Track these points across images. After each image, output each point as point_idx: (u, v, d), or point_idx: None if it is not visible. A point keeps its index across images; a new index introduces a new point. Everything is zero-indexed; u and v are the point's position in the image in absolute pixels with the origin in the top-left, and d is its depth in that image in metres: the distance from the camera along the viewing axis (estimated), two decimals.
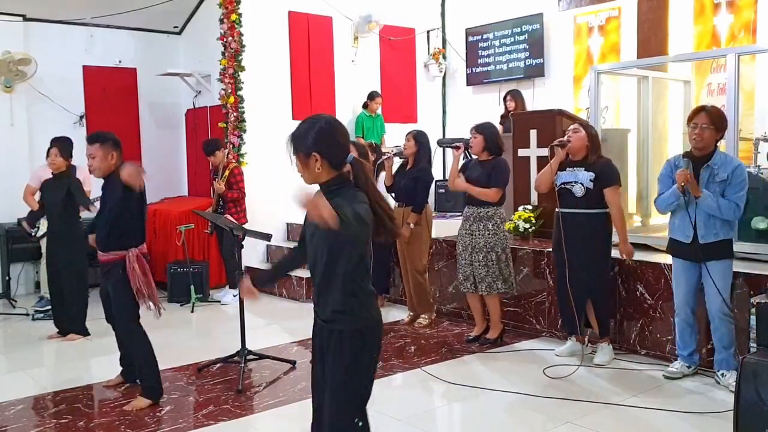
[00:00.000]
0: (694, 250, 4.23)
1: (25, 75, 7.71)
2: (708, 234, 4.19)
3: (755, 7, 6.93)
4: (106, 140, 4.25)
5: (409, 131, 6.07)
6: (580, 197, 4.69)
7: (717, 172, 4.18)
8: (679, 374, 4.47)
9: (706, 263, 4.20)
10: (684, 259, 4.34)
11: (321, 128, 2.43)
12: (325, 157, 2.41)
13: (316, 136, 2.41)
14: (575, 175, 4.73)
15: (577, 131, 4.78)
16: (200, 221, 7.43)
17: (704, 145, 4.19)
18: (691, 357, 4.48)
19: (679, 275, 4.40)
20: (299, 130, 2.46)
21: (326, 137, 2.43)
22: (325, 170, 2.43)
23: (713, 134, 4.19)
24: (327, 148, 2.42)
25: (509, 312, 5.74)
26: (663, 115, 6.48)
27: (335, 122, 2.50)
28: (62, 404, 4.37)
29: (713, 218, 4.18)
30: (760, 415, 3.13)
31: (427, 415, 4.13)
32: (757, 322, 3.60)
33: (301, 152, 2.43)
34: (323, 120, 2.47)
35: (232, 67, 7.91)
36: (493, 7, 9.40)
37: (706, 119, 4.17)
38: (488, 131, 5.35)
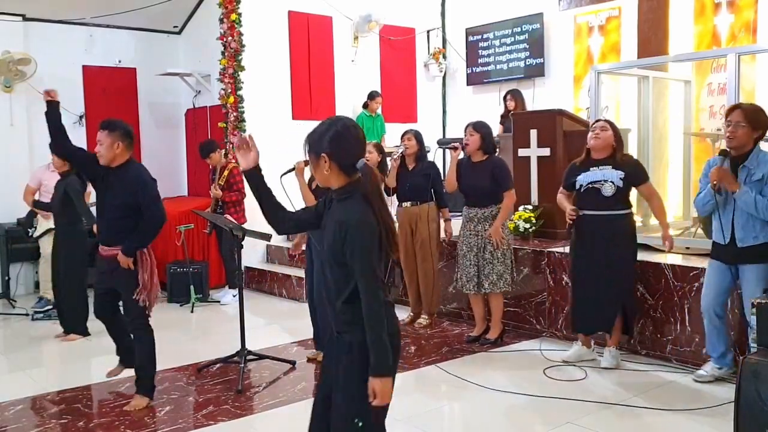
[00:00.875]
0: (732, 252, 4.09)
1: (24, 75, 7.71)
2: (746, 237, 4.03)
3: (755, 7, 6.93)
4: (115, 128, 4.18)
5: (407, 130, 6.06)
6: (609, 197, 4.54)
7: (754, 172, 3.99)
8: (710, 377, 4.33)
9: (739, 266, 4.07)
10: (719, 261, 4.22)
11: (337, 131, 2.44)
12: (334, 159, 2.41)
13: (330, 138, 2.42)
14: (603, 173, 4.58)
15: (605, 129, 4.61)
16: (200, 221, 7.43)
17: (738, 144, 4.02)
18: (722, 359, 4.32)
19: (711, 276, 4.28)
20: (316, 130, 2.48)
21: (339, 141, 2.43)
22: (334, 174, 2.42)
23: (748, 132, 3.99)
24: (337, 151, 2.42)
25: (509, 312, 5.74)
26: (663, 114, 6.48)
27: (352, 127, 2.49)
28: (62, 404, 4.37)
29: (753, 220, 3.99)
30: (760, 415, 3.12)
31: (427, 415, 4.13)
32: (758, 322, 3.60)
33: (313, 152, 2.45)
34: (341, 123, 2.47)
35: (231, 67, 7.91)
36: (493, 7, 9.41)
37: (740, 116, 4.00)
38: (485, 130, 5.34)
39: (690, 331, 4.68)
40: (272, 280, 7.76)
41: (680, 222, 6.29)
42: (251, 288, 7.93)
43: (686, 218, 6.29)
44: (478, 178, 5.26)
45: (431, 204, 5.88)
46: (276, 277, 7.68)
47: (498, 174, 5.23)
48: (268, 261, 8.29)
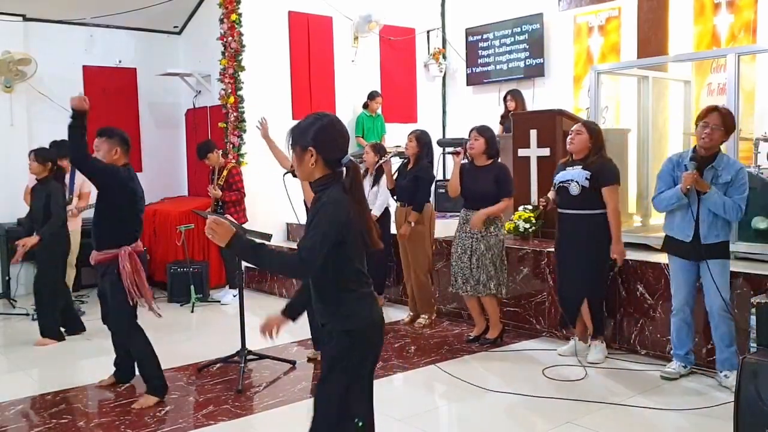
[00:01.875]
0: (694, 248, 4.22)
1: (25, 75, 7.71)
2: (710, 234, 4.19)
3: (755, 7, 6.93)
4: (113, 135, 4.30)
5: (411, 131, 6.07)
6: (575, 196, 4.70)
7: (720, 173, 4.16)
8: (676, 374, 4.46)
9: (705, 262, 4.19)
10: (683, 258, 4.34)
11: (322, 125, 2.46)
12: (320, 153, 2.43)
13: (316, 132, 2.44)
14: (572, 173, 4.75)
15: (579, 133, 4.77)
16: (200, 221, 7.43)
17: (712, 145, 4.17)
18: (688, 356, 4.48)
19: (678, 275, 4.39)
20: (301, 124, 2.49)
21: (326, 135, 2.45)
22: (318, 167, 2.45)
23: (722, 136, 4.17)
24: (324, 145, 2.44)
25: (509, 312, 5.74)
26: (663, 115, 6.48)
27: (337, 122, 2.53)
28: (62, 404, 4.37)
29: (717, 219, 4.17)
30: (760, 415, 3.12)
31: (427, 415, 4.13)
32: (757, 322, 3.60)
33: (298, 146, 2.46)
34: (326, 118, 2.50)
35: (232, 67, 7.91)
36: (493, 7, 9.41)
37: (718, 120, 4.13)
38: (489, 134, 5.34)
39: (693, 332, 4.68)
40: (272, 280, 7.76)
41: None
42: (251, 288, 7.93)
43: None
44: (481, 181, 5.25)
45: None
46: (276, 277, 7.68)
47: (501, 180, 5.25)
48: None
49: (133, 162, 8.72)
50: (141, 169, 8.86)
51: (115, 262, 4.24)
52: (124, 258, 4.24)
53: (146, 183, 8.67)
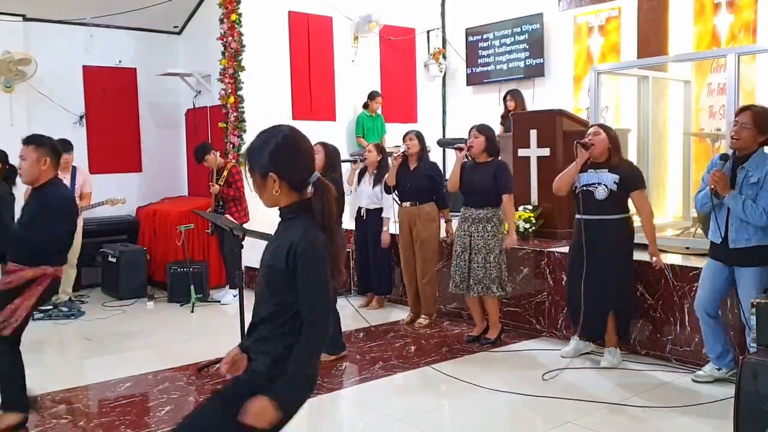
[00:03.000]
0: (724, 251, 4.10)
1: (25, 75, 7.71)
2: (739, 239, 4.02)
3: (755, 7, 6.93)
4: (42, 144, 3.87)
5: (409, 131, 6.07)
6: (602, 200, 4.56)
7: (751, 174, 3.98)
8: (708, 377, 4.33)
9: (735, 268, 4.07)
10: (715, 260, 4.22)
11: (278, 144, 2.13)
12: (283, 178, 2.13)
13: (272, 153, 2.12)
14: (598, 176, 4.60)
15: (598, 134, 4.65)
16: (200, 221, 7.43)
17: (741, 145, 4.00)
18: (720, 359, 4.31)
19: (706, 275, 4.28)
20: (254, 144, 2.17)
21: (285, 155, 2.13)
22: (284, 193, 2.15)
23: (753, 134, 3.96)
24: (285, 168, 2.13)
25: (509, 312, 5.74)
26: (663, 115, 6.48)
27: (297, 136, 2.17)
28: (62, 404, 4.37)
29: (746, 223, 3.98)
30: (760, 415, 3.13)
31: (427, 415, 4.13)
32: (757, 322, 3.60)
33: (257, 171, 2.15)
34: (281, 134, 2.15)
35: (232, 67, 7.91)
36: (493, 7, 9.40)
37: (748, 118, 3.98)
38: (489, 132, 5.36)
39: (690, 331, 4.68)
40: None
41: (680, 222, 6.30)
42: (251, 288, 7.92)
43: (686, 218, 6.29)
44: (480, 178, 5.27)
45: (431, 205, 5.89)
46: None
47: (500, 176, 5.24)
48: None
49: (133, 162, 8.87)
50: (141, 169, 8.87)
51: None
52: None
53: (146, 183, 8.86)
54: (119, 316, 6.75)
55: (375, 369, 4.89)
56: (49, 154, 3.88)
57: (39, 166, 3.86)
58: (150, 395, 4.49)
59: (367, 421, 4.12)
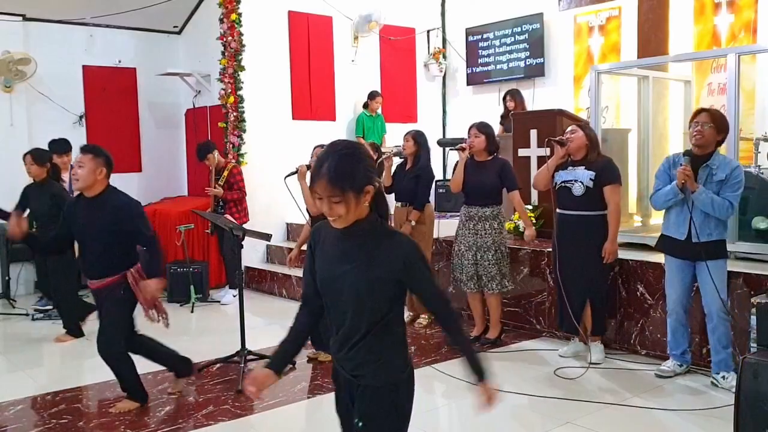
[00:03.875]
0: (689, 248, 4.22)
1: (25, 75, 7.71)
2: (702, 233, 4.20)
3: (755, 7, 6.93)
4: (100, 155, 3.99)
5: (407, 131, 6.06)
6: (579, 196, 4.67)
7: (715, 172, 4.18)
8: (671, 373, 4.49)
9: (698, 262, 4.21)
10: (678, 258, 4.35)
11: (365, 155, 2.11)
12: (376, 188, 2.10)
13: (366, 166, 2.08)
14: (575, 173, 4.73)
15: (574, 131, 4.79)
16: (200, 221, 7.43)
17: (704, 142, 4.19)
18: (683, 356, 4.50)
19: (673, 274, 4.40)
20: (338, 165, 2.02)
21: (371, 165, 2.11)
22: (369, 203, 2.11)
23: (713, 133, 4.19)
24: (374, 177, 2.10)
25: (509, 312, 5.74)
26: (663, 114, 6.48)
27: (356, 143, 2.21)
28: (62, 404, 4.37)
29: (708, 218, 4.18)
30: (760, 415, 3.12)
31: (427, 414, 4.13)
32: (758, 322, 3.60)
33: (350, 190, 2.03)
34: (358, 147, 2.13)
35: (231, 67, 7.91)
36: (493, 7, 9.41)
37: (707, 118, 4.19)
38: (489, 131, 5.37)
39: (689, 332, 4.68)
40: (272, 280, 7.76)
41: None
42: (251, 288, 7.93)
43: None
44: (483, 176, 5.27)
45: None
46: (276, 277, 7.68)
47: (505, 174, 5.27)
48: (268, 261, 8.29)
49: (133, 162, 8.87)
50: (141, 169, 8.88)
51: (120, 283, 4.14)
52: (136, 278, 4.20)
53: (146, 183, 8.85)
54: None
55: None
56: (105, 165, 4.01)
57: (95, 175, 3.97)
58: (150, 395, 4.48)
59: None
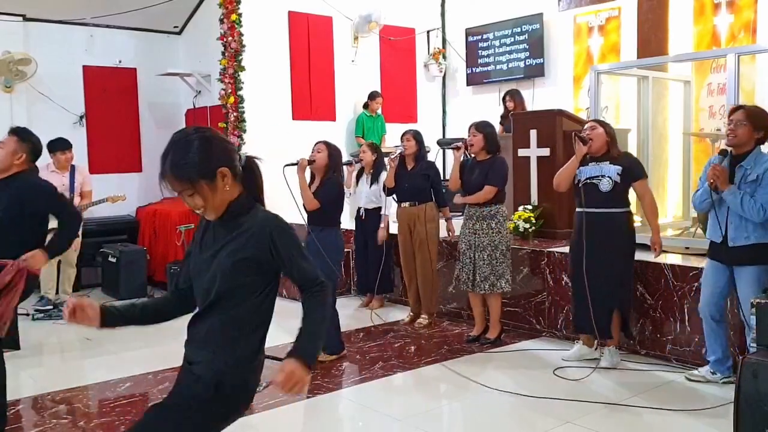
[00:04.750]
0: (724, 250, 4.08)
1: (25, 75, 7.71)
2: (738, 236, 4.01)
3: (755, 7, 6.93)
4: (26, 140, 3.85)
5: (406, 131, 6.06)
6: (606, 192, 4.53)
7: (749, 172, 3.98)
8: (701, 378, 4.33)
9: (734, 267, 4.05)
10: (715, 260, 4.21)
11: (209, 138, 2.03)
12: (231, 169, 2.04)
13: (210, 150, 2.01)
14: (601, 168, 4.57)
15: (595, 128, 4.65)
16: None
17: (738, 142, 4.01)
18: (718, 364, 4.28)
19: (707, 276, 4.26)
20: (178, 157, 1.98)
21: (220, 147, 2.05)
22: (231, 186, 2.05)
23: (749, 131, 3.97)
24: (228, 159, 2.05)
25: (509, 312, 5.74)
26: (663, 115, 6.48)
27: (212, 131, 2.12)
28: (62, 404, 4.37)
29: (745, 221, 3.97)
30: (760, 415, 3.12)
31: (427, 415, 4.13)
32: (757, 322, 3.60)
33: (200, 177, 1.98)
34: (199, 132, 2.05)
35: (232, 67, 7.91)
36: (493, 7, 9.41)
37: (743, 116, 3.99)
38: (488, 130, 5.36)
39: (690, 331, 4.68)
40: None
41: (680, 222, 6.30)
42: None
43: (686, 218, 6.30)
44: (478, 176, 5.28)
45: (430, 204, 5.89)
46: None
47: (492, 170, 5.25)
48: None
49: (133, 162, 8.87)
50: (141, 169, 8.87)
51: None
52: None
53: (146, 183, 8.85)
54: None
55: (375, 369, 4.89)
56: (28, 152, 3.87)
57: (12, 158, 3.82)
58: (150, 395, 4.49)
59: (367, 421, 4.12)
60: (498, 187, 5.27)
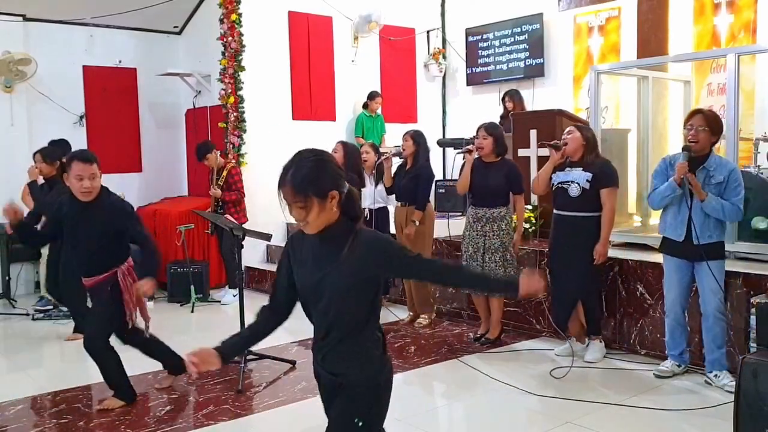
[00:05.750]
0: (689, 248, 4.23)
1: (25, 75, 7.71)
2: (703, 235, 4.20)
3: (755, 7, 6.93)
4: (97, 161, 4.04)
5: (406, 131, 6.06)
6: (575, 197, 4.69)
7: (713, 174, 4.18)
8: (670, 373, 4.49)
9: (702, 262, 4.20)
10: (676, 257, 4.35)
11: (330, 162, 2.19)
12: (341, 193, 2.17)
13: (332, 172, 2.16)
14: (572, 174, 4.75)
15: (571, 132, 4.81)
16: (200, 221, 7.43)
17: (699, 147, 4.20)
18: (682, 356, 4.51)
19: (672, 274, 4.40)
20: (303, 172, 2.13)
21: (337, 171, 2.19)
22: (337, 208, 2.18)
23: (708, 136, 4.19)
24: (340, 183, 2.17)
25: (509, 312, 5.74)
26: (663, 115, 6.48)
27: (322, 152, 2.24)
28: (62, 404, 4.37)
29: (708, 219, 4.19)
30: (760, 415, 3.13)
31: (427, 415, 4.13)
32: (757, 322, 3.60)
33: (313, 194, 2.12)
34: (323, 155, 2.20)
35: (232, 67, 7.91)
36: (493, 7, 9.41)
37: (702, 121, 4.18)
38: (498, 132, 5.35)
39: (689, 331, 4.68)
40: (272, 279, 7.74)
41: None
42: (251, 288, 7.93)
43: None
44: (491, 178, 5.26)
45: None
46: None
47: (513, 177, 5.28)
48: (269, 261, 8.29)
49: (133, 162, 8.88)
50: (141, 169, 8.88)
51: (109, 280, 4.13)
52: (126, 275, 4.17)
53: (146, 183, 8.86)
54: None
55: None
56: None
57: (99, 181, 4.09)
58: (150, 395, 4.49)
59: None
60: (523, 194, 5.37)
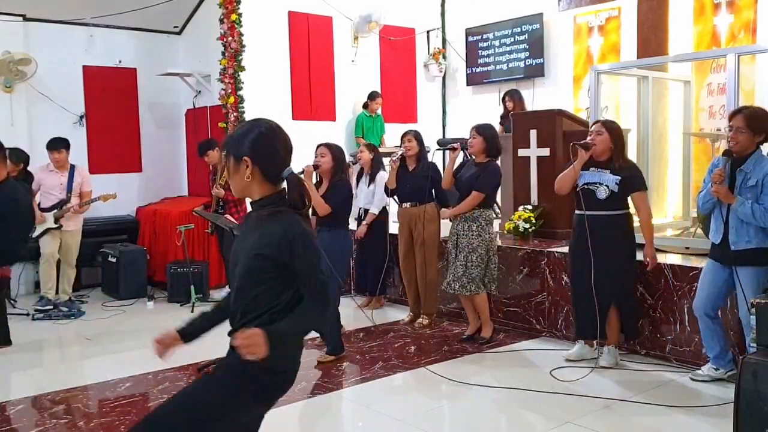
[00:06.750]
0: (724, 252, 4.11)
1: (25, 75, 7.71)
2: (739, 240, 4.04)
3: (755, 7, 6.93)
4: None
5: (407, 131, 6.05)
6: (602, 199, 4.56)
7: (749, 176, 4.02)
8: (706, 377, 4.35)
9: (734, 269, 4.05)
10: (713, 260, 4.24)
11: (260, 132, 2.23)
12: (257, 164, 2.20)
13: (253, 140, 2.21)
14: (600, 176, 4.59)
15: (600, 133, 4.62)
16: (200, 221, 7.43)
17: (740, 148, 4.03)
18: (719, 359, 4.32)
19: (705, 275, 4.30)
20: (236, 132, 2.27)
21: (264, 143, 2.21)
22: (256, 181, 2.22)
23: (749, 137, 4.00)
24: (261, 155, 2.20)
25: (509, 312, 5.74)
26: (663, 115, 6.48)
27: (278, 129, 2.27)
28: (62, 404, 4.37)
29: (747, 224, 4.01)
30: (760, 415, 3.12)
31: (427, 415, 4.13)
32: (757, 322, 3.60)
33: (233, 155, 2.22)
34: (265, 124, 2.26)
35: (232, 67, 7.91)
36: (493, 7, 9.41)
37: (741, 122, 4.01)
38: (488, 133, 5.36)
39: (690, 331, 4.69)
40: None
41: (679, 222, 6.29)
42: None
43: (686, 218, 6.29)
44: (470, 178, 5.30)
45: (431, 204, 5.89)
46: None
47: (482, 175, 5.26)
48: None
49: (133, 162, 8.87)
50: (141, 169, 8.88)
51: None
52: None
53: (146, 183, 8.86)
54: (119, 316, 6.75)
55: (375, 369, 4.89)
56: None
57: None
58: (150, 395, 4.49)
59: (367, 421, 4.12)
60: (485, 194, 5.29)
